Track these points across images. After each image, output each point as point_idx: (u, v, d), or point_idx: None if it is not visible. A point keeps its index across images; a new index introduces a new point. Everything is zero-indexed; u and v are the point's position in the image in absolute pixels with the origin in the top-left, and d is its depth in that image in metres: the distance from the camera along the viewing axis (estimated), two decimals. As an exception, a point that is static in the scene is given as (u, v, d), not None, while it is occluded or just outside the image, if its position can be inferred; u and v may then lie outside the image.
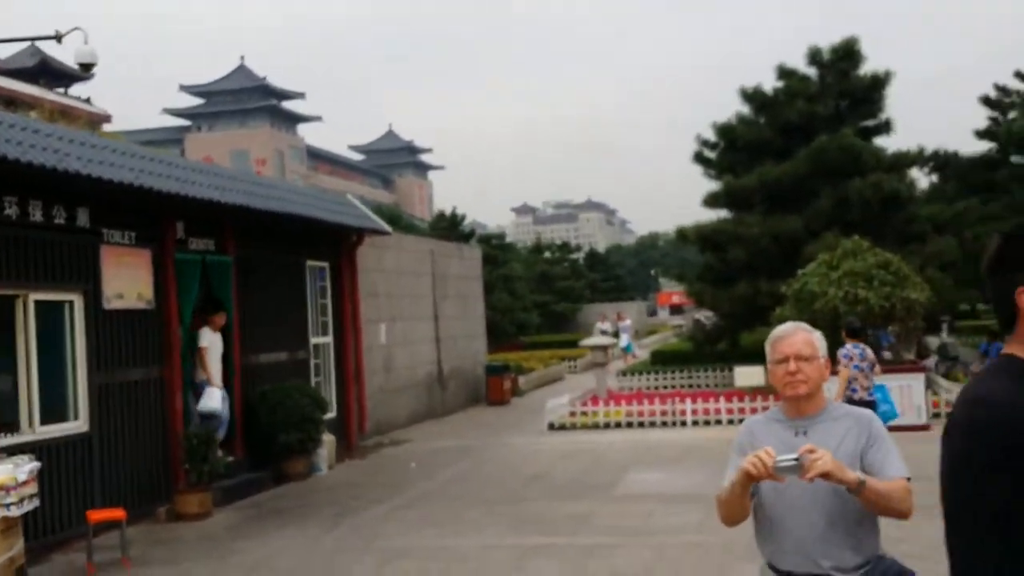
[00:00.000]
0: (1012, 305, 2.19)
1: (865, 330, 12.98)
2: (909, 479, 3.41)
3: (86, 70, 15.13)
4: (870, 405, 11.95)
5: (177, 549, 10.24)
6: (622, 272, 78.32)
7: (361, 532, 10.57)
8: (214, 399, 12.97)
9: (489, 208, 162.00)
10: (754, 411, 18.18)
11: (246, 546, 10.21)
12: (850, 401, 12.00)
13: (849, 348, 12.35)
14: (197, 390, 13.06)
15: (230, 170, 15.27)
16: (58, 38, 14.83)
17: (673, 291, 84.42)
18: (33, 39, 16.13)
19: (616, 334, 34.22)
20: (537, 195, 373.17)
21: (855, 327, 12.97)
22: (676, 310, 77.46)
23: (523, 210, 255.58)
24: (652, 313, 75.12)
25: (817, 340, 3.56)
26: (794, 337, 3.53)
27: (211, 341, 13.30)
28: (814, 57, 21.75)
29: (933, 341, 24.50)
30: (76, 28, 14.58)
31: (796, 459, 3.16)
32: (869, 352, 12.44)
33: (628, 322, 37.21)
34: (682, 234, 23.17)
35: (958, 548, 2.13)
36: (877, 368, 12.60)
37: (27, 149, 9.45)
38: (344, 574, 8.97)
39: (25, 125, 10.19)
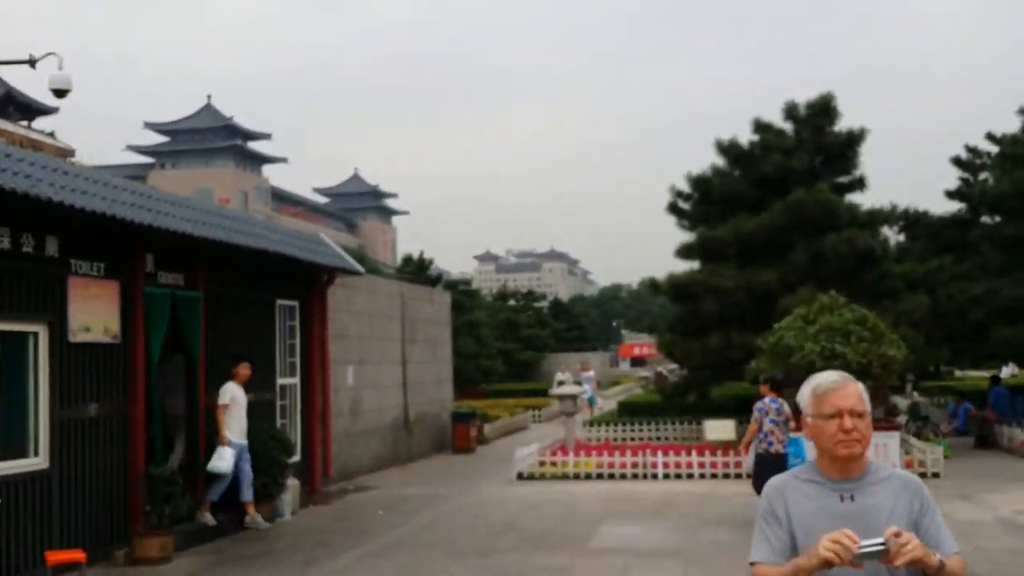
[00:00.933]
0: None
1: (784, 385, 13.35)
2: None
3: (60, 96, 14.78)
4: (784, 458, 12.50)
5: (137, 595, 9.76)
6: (585, 322, 78.23)
7: (331, 581, 10.15)
8: (224, 459, 12.62)
9: (452, 255, 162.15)
10: (726, 465, 17.97)
11: (209, 594, 9.75)
12: (766, 453, 12.57)
13: (766, 402, 12.98)
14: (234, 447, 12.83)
15: (203, 203, 14.91)
16: (32, 63, 14.49)
17: (635, 343, 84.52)
18: (5, 63, 15.75)
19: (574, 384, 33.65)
20: (500, 243, 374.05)
21: (776, 380, 13.55)
22: (638, 362, 77.47)
23: (486, 258, 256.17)
24: (614, 364, 75.00)
25: (865, 393, 3.25)
26: (846, 389, 3.18)
27: (234, 396, 13.06)
28: (790, 112, 21.88)
29: (898, 400, 24.50)
30: (51, 53, 14.30)
31: (882, 544, 2.84)
32: (786, 407, 12.85)
33: (591, 373, 36.87)
34: (655, 285, 23.04)
35: None
36: (792, 423, 12.79)
37: (-3, 173, 9.09)
38: (314, 626, 8.55)
39: (-5, 149, 9.81)
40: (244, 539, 12.80)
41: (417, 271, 41.70)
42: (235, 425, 13.08)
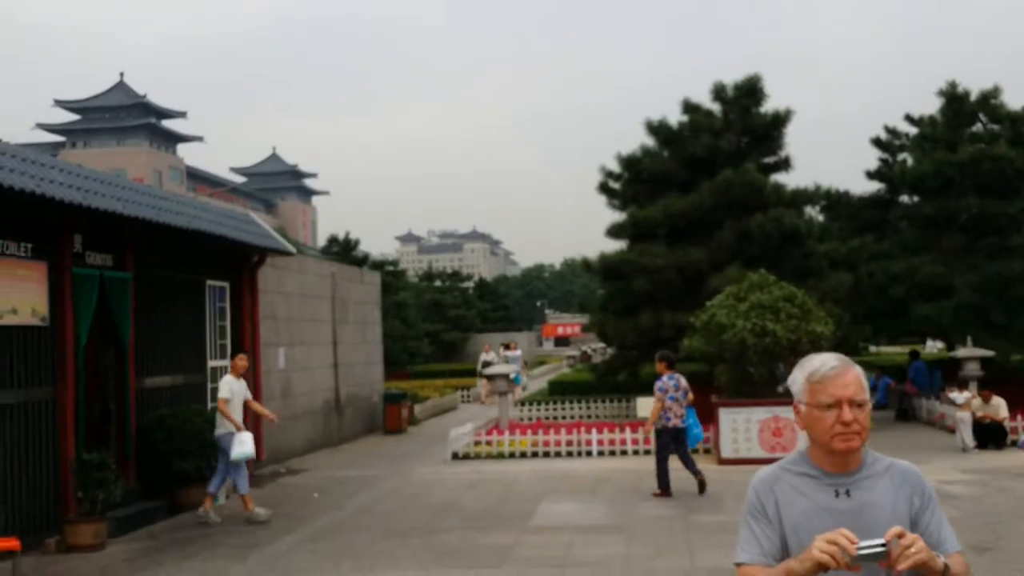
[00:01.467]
0: None
1: (676, 361, 14.58)
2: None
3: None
4: (683, 431, 13.77)
5: (73, 583, 9.51)
6: (509, 303, 78.41)
7: (274, 565, 10.02)
8: (246, 444, 12.54)
9: (374, 236, 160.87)
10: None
11: (149, 580, 9.55)
12: (664, 428, 13.65)
13: (664, 380, 13.82)
14: (222, 442, 12.65)
15: (133, 182, 14.51)
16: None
17: (559, 323, 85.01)
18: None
19: (486, 366, 33.21)
20: (422, 224, 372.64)
21: (671, 358, 14.49)
22: (562, 342, 77.94)
23: (408, 239, 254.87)
24: (539, 344, 75.34)
25: (864, 378, 2.93)
26: (846, 376, 2.86)
27: (233, 389, 12.90)
28: (719, 93, 22.11)
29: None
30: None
31: (883, 545, 2.58)
32: (683, 381, 13.86)
33: (518, 353, 36.96)
34: (586, 264, 23.16)
35: None
36: (690, 396, 13.93)
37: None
38: (260, 610, 8.42)
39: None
40: (177, 524, 12.57)
41: (343, 252, 41.28)
42: (236, 416, 12.85)
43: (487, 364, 32.49)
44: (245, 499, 12.65)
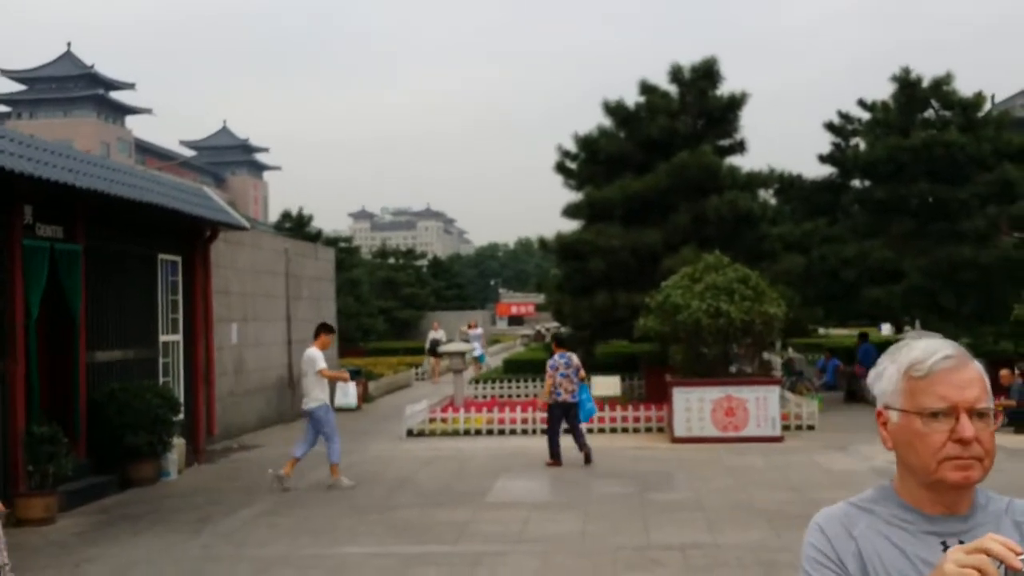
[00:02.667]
0: None
1: (568, 341, 15.82)
2: None
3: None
4: (575, 406, 14.70)
5: (24, 557, 9.34)
6: (463, 281, 78.32)
7: (230, 539, 9.95)
8: (349, 395, 13.67)
9: (327, 212, 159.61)
10: (613, 420, 18.26)
11: (101, 554, 9.44)
12: (555, 403, 14.61)
13: (556, 358, 14.79)
14: (315, 413, 13.04)
15: (84, 153, 14.24)
16: None
17: (512, 302, 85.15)
18: None
19: (434, 345, 33.09)
20: (375, 201, 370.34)
21: (562, 338, 15.79)
22: (516, 320, 78.11)
23: (361, 215, 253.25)
24: (492, 323, 75.41)
25: (987, 379, 2.04)
26: (965, 372, 1.99)
27: (322, 358, 13.25)
28: (675, 75, 22.16)
29: (771, 357, 25.37)
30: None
31: None
32: (574, 359, 14.86)
33: (479, 331, 36.88)
34: (543, 243, 23.19)
35: None
36: (581, 372, 14.90)
37: None
38: (216, 585, 8.37)
39: None
40: (128, 499, 12.44)
41: (296, 227, 40.93)
42: (318, 389, 13.06)
43: (436, 342, 32.32)
44: (334, 467, 12.96)
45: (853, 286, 22.92)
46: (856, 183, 25.29)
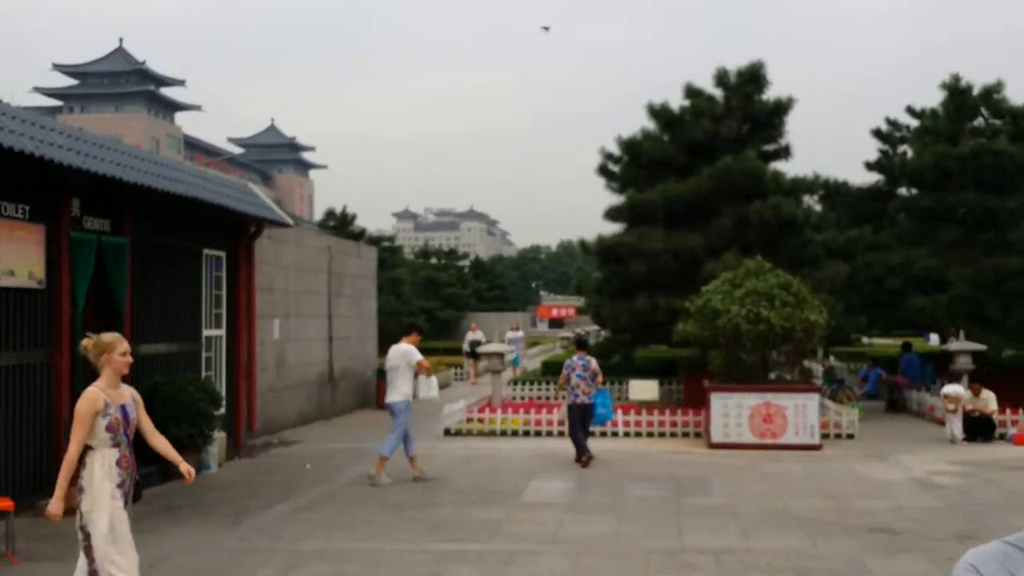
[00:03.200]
0: None
1: (589, 344, 16.43)
2: None
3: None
4: (590, 407, 15.12)
5: (65, 544, 9.51)
6: (504, 283, 78.44)
7: (266, 533, 10.07)
8: (433, 389, 14.09)
9: (371, 212, 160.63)
10: (650, 424, 18.21)
11: (141, 543, 9.47)
12: (573, 404, 15.10)
13: (574, 359, 15.30)
14: (397, 407, 13.47)
15: (132, 147, 14.45)
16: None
17: (553, 304, 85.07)
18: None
19: (473, 346, 32.26)
20: (419, 201, 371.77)
21: (583, 341, 16.46)
22: (556, 323, 78.00)
23: (404, 215, 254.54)
24: (533, 325, 75.42)
25: None
26: None
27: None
28: (721, 79, 22.05)
29: (812, 365, 25.16)
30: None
31: None
32: (592, 362, 15.25)
33: (520, 333, 36.69)
34: (584, 246, 23.18)
35: None
36: (599, 378, 15.31)
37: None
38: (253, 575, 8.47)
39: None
40: (169, 491, 12.61)
41: (340, 226, 41.23)
42: (406, 385, 13.61)
43: (475, 344, 32.05)
44: (381, 461, 13.25)
45: (897, 295, 22.67)
46: (903, 191, 25.01)
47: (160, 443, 6.92)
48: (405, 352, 13.65)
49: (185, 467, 6.78)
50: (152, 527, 10.37)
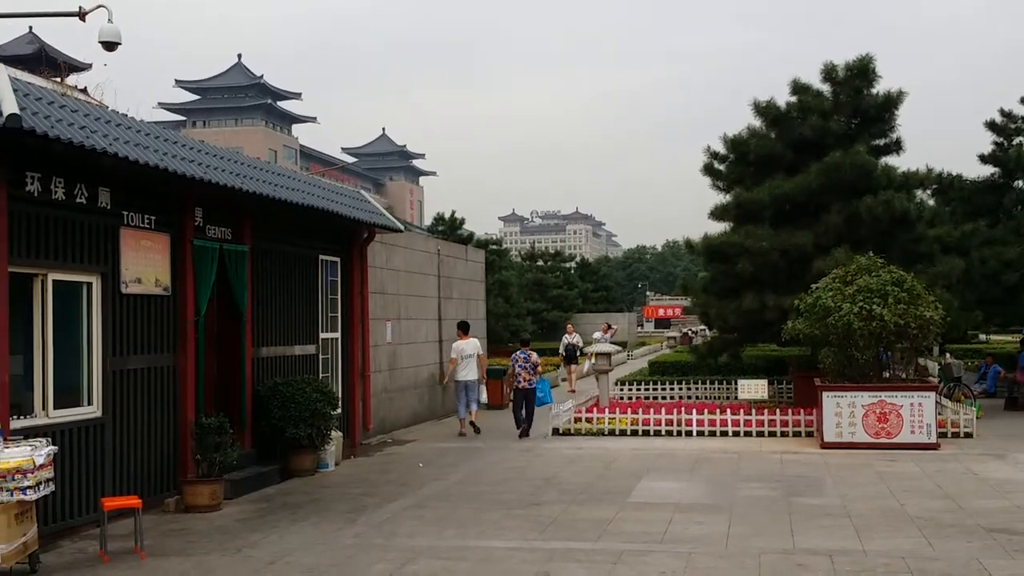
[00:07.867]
0: None
1: (529, 341, 19.99)
2: None
3: (109, 49, 14.86)
4: (531, 391, 18.66)
5: (191, 540, 10.02)
6: (610, 284, 78.24)
7: (380, 530, 10.39)
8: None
9: (478, 216, 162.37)
10: (760, 423, 18.04)
11: (261, 540, 10.00)
12: (516, 388, 18.79)
13: (517, 354, 19.00)
14: (461, 385, 18.90)
15: (251, 159, 15.01)
16: (81, 15, 14.58)
17: (660, 304, 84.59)
18: (55, 14, 15.82)
19: (570, 351, 30.93)
20: (525, 205, 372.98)
21: (525, 339, 19.85)
22: (662, 323, 77.54)
23: (511, 219, 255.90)
24: (639, 325, 75.09)
25: None
26: None
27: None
28: (829, 74, 21.63)
29: (928, 362, 24.49)
30: (100, 6, 14.38)
31: None
32: (533, 356, 18.86)
33: (608, 335, 36.13)
34: (690, 245, 23.05)
35: None
36: (538, 369, 18.98)
37: (53, 124, 9.21)
38: (368, 572, 8.75)
39: (52, 99, 9.90)
40: (289, 489, 13.08)
41: (449, 230, 41.79)
42: (477, 368, 19.03)
43: (572, 348, 31.16)
44: (468, 416, 18.85)
45: (1015, 289, 21.95)
46: (1019, 183, 24.18)
47: None
48: (477, 345, 19.27)
49: None
50: (272, 524, 10.79)
